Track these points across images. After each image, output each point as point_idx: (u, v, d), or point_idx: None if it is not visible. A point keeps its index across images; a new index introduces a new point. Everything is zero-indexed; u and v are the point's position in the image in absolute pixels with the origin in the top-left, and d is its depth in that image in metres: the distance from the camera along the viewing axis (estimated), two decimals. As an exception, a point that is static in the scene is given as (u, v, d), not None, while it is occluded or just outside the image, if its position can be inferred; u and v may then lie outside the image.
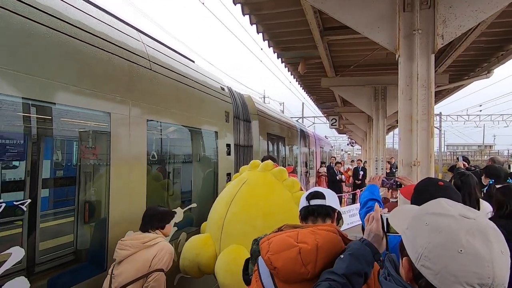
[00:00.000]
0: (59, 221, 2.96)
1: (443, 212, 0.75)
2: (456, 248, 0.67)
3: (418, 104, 2.56)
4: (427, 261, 0.70)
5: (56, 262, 2.30)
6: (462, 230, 0.69)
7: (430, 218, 0.75)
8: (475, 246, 0.67)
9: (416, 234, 0.75)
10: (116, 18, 2.80)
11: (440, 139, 30.04)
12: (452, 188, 1.63)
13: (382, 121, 7.25)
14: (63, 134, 2.64)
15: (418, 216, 0.79)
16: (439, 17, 2.51)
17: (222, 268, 2.28)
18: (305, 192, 1.59)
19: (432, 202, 0.82)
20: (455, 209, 0.75)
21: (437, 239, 0.70)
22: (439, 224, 0.72)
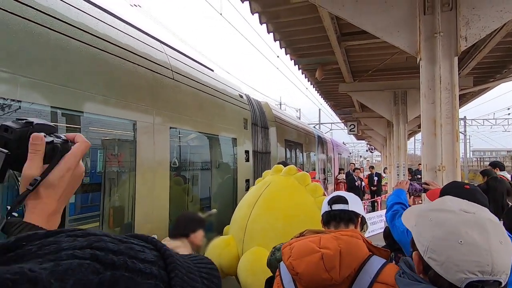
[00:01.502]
0: (86, 226, 3.09)
1: (445, 208, 0.82)
2: (456, 239, 0.74)
3: (442, 107, 2.49)
4: (432, 253, 0.77)
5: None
6: (461, 223, 0.76)
7: (433, 214, 0.83)
8: (474, 237, 0.73)
9: (422, 229, 0.83)
10: (141, 31, 2.95)
11: (465, 144, 28.78)
12: (479, 191, 1.60)
13: (403, 126, 7.07)
14: (92, 142, 2.78)
15: (423, 213, 0.87)
16: (461, 19, 2.46)
17: (245, 268, 2.30)
18: (327, 197, 1.59)
19: (437, 200, 0.91)
20: (457, 205, 0.82)
21: (439, 233, 0.77)
22: (440, 219, 0.79)
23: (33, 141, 0.53)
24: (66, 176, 0.56)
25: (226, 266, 2.48)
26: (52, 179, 0.54)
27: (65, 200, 0.58)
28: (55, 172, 0.55)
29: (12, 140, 0.53)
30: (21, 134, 0.53)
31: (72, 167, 0.57)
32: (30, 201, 0.54)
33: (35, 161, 0.53)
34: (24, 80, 1.73)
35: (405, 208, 1.93)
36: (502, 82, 6.73)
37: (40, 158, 0.54)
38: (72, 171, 0.57)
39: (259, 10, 4.17)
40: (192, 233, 2.27)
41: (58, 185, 0.55)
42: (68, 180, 0.56)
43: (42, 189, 0.54)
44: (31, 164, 0.53)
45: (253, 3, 3.99)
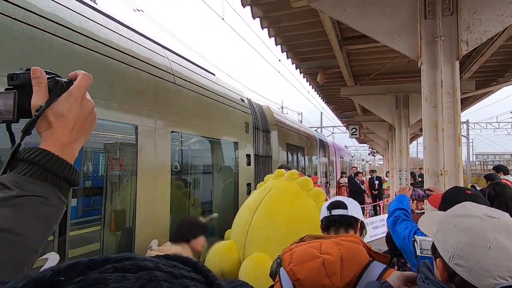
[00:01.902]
0: (87, 230, 3.09)
1: (469, 213, 0.81)
2: (485, 244, 0.73)
3: (444, 111, 2.49)
4: (459, 259, 0.75)
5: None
6: (489, 228, 0.75)
7: (457, 220, 0.81)
8: (502, 242, 0.72)
9: (446, 235, 0.81)
10: (143, 36, 2.97)
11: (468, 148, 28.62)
12: (480, 196, 1.59)
13: (405, 130, 7.04)
14: (94, 146, 2.80)
15: (446, 219, 0.85)
16: (462, 23, 2.46)
17: (246, 274, 2.29)
18: (326, 202, 1.58)
19: (458, 206, 0.88)
20: (480, 210, 0.81)
21: (466, 238, 0.75)
22: (466, 224, 0.78)
23: (34, 75, 0.56)
24: (74, 107, 0.58)
25: (227, 272, 2.47)
26: (59, 108, 0.57)
27: (80, 133, 0.60)
28: (60, 101, 0.57)
29: (20, 85, 0.57)
30: (25, 77, 0.57)
31: (78, 98, 0.59)
32: (43, 131, 0.57)
33: (40, 92, 0.56)
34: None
35: (407, 214, 1.91)
36: (504, 86, 6.70)
37: (44, 90, 0.57)
38: (79, 102, 0.59)
39: (261, 15, 4.19)
40: (193, 238, 2.26)
41: (68, 115, 0.57)
42: (77, 112, 0.58)
43: (52, 118, 0.56)
44: (36, 95, 0.56)
45: (255, 8, 4.01)
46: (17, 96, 0.56)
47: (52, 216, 0.53)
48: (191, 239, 2.25)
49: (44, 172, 0.53)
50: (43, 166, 0.53)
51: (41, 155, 0.54)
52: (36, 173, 0.53)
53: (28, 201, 0.50)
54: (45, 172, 0.54)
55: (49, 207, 0.52)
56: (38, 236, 0.51)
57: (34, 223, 0.50)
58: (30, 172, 0.53)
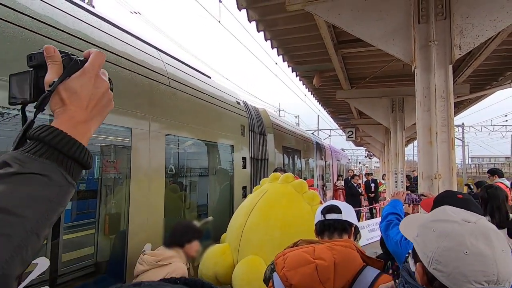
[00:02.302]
0: (80, 233, 3.05)
1: (448, 218, 0.82)
2: (462, 249, 0.74)
3: (437, 115, 2.50)
4: (438, 264, 0.76)
5: (76, 274, 2.36)
6: (466, 233, 0.76)
7: (436, 225, 0.82)
8: (479, 247, 0.73)
9: (426, 240, 0.82)
10: (138, 38, 2.96)
11: (463, 151, 28.84)
12: (472, 200, 1.60)
13: (400, 133, 7.08)
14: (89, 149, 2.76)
15: (425, 223, 0.86)
16: (455, 28, 2.48)
17: (240, 278, 2.27)
18: (321, 206, 1.57)
19: (437, 210, 0.90)
20: (458, 215, 0.82)
21: (444, 243, 0.77)
22: (445, 229, 0.79)
23: (47, 53, 0.56)
24: (87, 84, 0.57)
25: (221, 275, 2.45)
26: (72, 84, 0.56)
27: (96, 113, 0.58)
28: (74, 78, 0.56)
29: (38, 65, 0.57)
30: (43, 57, 0.57)
31: (91, 76, 0.58)
32: (56, 108, 0.55)
33: (53, 68, 0.56)
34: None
35: (400, 219, 1.91)
36: (498, 90, 6.78)
37: (58, 67, 0.56)
38: (92, 80, 0.57)
39: (256, 18, 4.20)
40: (187, 243, 2.23)
41: (81, 92, 0.56)
42: (91, 90, 0.57)
43: (65, 94, 0.55)
44: (49, 71, 0.56)
45: (250, 11, 4.02)
46: (34, 76, 0.56)
47: (55, 197, 0.49)
48: (185, 243, 2.22)
49: (50, 149, 0.51)
50: (49, 143, 0.51)
51: (47, 132, 0.51)
52: (40, 151, 0.50)
53: (27, 179, 0.47)
54: (51, 149, 0.51)
55: (51, 187, 0.49)
56: (38, 217, 0.47)
57: (33, 203, 0.47)
58: (35, 150, 0.50)
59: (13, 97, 0.58)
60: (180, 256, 2.18)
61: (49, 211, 0.48)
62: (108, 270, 2.53)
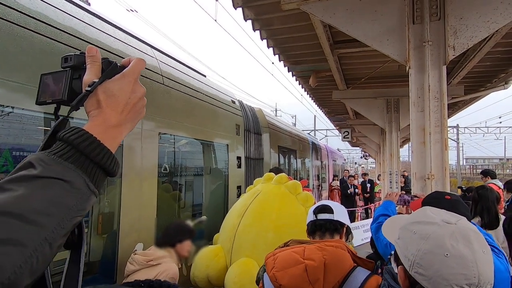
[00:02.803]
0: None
1: (428, 220, 0.80)
2: (442, 252, 0.72)
3: (431, 116, 2.50)
4: (419, 267, 0.74)
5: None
6: (446, 235, 0.74)
7: (416, 227, 0.80)
8: (459, 249, 0.72)
9: (406, 243, 0.80)
10: (130, 35, 2.93)
11: (458, 152, 29.10)
12: (460, 201, 1.60)
13: (395, 134, 7.11)
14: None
15: (406, 226, 0.84)
16: (449, 29, 2.49)
17: (232, 281, 2.25)
18: (313, 205, 1.56)
19: (418, 211, 0.88)
20: (439, 216, 0.80)
21: (425, 246, 0.75)
22: (425, 232, 0.77)
23: (89, 53, 0.56)
24: (126, 88, 0.56)
25: (213, 278, 2.43)
26: (111, 86, 0.55)
27: (129, 118, 0.56)
28: (114, 80, 0.56)
29: (73, 67, 0.56)
30: (80, 59, 0.57)
31: (131, 80, 0.57)
32: (92, 110, 0.54)
33: (93, 69, 0.55)
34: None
35: None
36: (492, 91, 6.83)
37: (98, 68, 0.56)
38: (131, 84, 0.57)
39: (252, 17, 4.18)
40: (179, 243, 2.21)
41: (119, 96, 0.55)
42: (128, 94, 0.56)
43: (103, 96, 0.54)
44: (89, 72, 0.55)
45: (246, 10, 4.00)
46: (71, 76, 0.55)
47: (74, 205, 0.46)
48: (176, 243, 2.21)
49: (76, 153, 0.48)
50: (77, 146, 0.48)
51: (77, 135, 0.49)
52: (67, 154, 0.47)
53: (47, 183, 0.45)
54: (78, 153, 0.48)
55: (72, 195, 0.46)
56: (54, 226, 0.44)
57: (51, 210, 0.44)
58: (61, 152, 0.48)
59: (43, 96, 0.56)
60: (172, 256, 2.16)
61: (66, 219, 0.45)
62: (99, 270, 2.50)
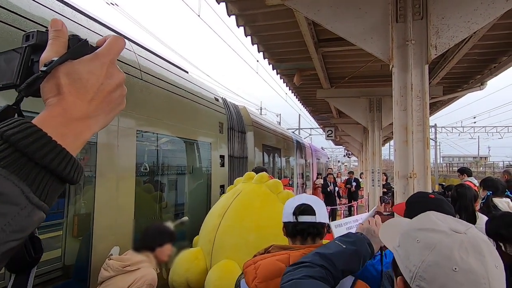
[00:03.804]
0: (43, 236, 2.82)
1: (434, 227, 0.72)
2: (450, 265, 0.64)
3: (413, 114, 2.51)
4: (422, 281, 0.66)
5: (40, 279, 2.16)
6: (455, 246, 0.66)
7: (421, 235, 0.72)
8: (469, 263, 0.63)
9: (408, 252, 0.71)
10: (106, 27, 2.77)
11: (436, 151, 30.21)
12: (444, 200, 1.60)
13: (377, 133, 7.23)
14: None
15: (408, 232, 0.75)
16: (432, 28, 2.51)
17: (212, 284, 2.17)
18: (290, 201, 1.41)
19: (421, 217, 0.79)
20: (445, 223, 0.72)
21: (430, 257, 0.67)
22: (431, 241, 0.69)
23: (53, 27, 0.44)
24: (98, 72, 0.43)
25: (193, 281, 2.33)
26: (78, 68, 0.42)
27: (102, 110, 0.44)
28: (82, 61, 0.43)
29: (37, 45, 0.44)
30: (43, 37, 0.44)
31: (105, 62, 0.44)
32: (49, 96, 0.41)
33: (55, 45, 0.43)
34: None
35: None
36: (468, 92, 7.07)
37: (62, 44, 0.43)
38: (105, 67, 0.44)
39: (236, 12, 4.09)
40: (158, 247, 2.08)
41: (88, 81, 0.42)
42: (101, 80, 0.43)
43: (65, 80, 0.41)
44: (49, 48, 0.42)
45: (230, 5, 3.90)
46: (27, 55, 0.43)
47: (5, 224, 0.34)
48: (156, 247, 2.08)
49: (14, 154, 0.35)
50: (15, 144, 0.35)
51: (16, 128, 0.36)
52: (1, 154, 0.35)
53: None
54: (15, 154, 0.35)
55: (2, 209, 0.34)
56: None
57: None
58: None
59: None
60: (150, 260, 2.04)
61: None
62: (73, 275, 2.35)
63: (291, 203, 1.39)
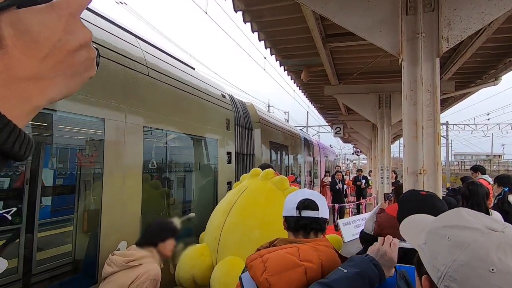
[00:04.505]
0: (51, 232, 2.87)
1: (466, 224, 0.66)
2: (486, 267, 0.58)
3: (423, 109, 2.45)
4: (452, 282, 0.61)
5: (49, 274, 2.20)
6: (492, 246, 0.60)
7: (451, 232, 0.66)
8: (508, 264, 0.58)
9: (437, 250, 0.66)
10: (114, 24, 2.78)
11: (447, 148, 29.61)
12: (435, 196, 1.56)
13: (387, 130, 7.11)
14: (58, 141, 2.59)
15: (436, 229, 0.70)
16: (443, 20, 2.43)
17: (218, 281, 2.17)
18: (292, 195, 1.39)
19: (450, 213, 0.73)
20: (479, 220, 0.66)
21: (463, 257, 0.61)
22: (463, 239, 0.63)
23: None
24: (54, 24, 0.35)
25: (199, 277, 2.34)
26: (27, 18, 0.34)
27: (59, 71, 0.36)
28: (33, 11, 0.35)
29: None
30: None
31: (63, 14, 0.36)
32: None
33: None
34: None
35: None
36: (481, 88, 6.87)
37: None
38: (64, 21, 0.36)
39: (243, 8, 4.06)
40: (161, 242, 2.09)
41: (40, 33, 0.34)
42: (58, 35, 0.35)
43: (9, 31, 0.33)
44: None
45: (236, 0, 3.88)
46: None
47: None
48: (158, 242, 2.09)
49: None
50: None
51: None
52: None
53: None
54: None
55: None
56: None
57: None
58: None
59: None
60: (154, 256, 2.04)
61: None
62: (82, 269, 2.38)
63: (293, 197, 1.37)
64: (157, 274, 1.92)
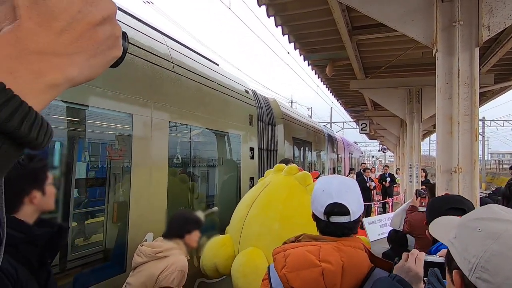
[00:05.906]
0: (84, 222, 3.03)
1: (497, 217, 0.66)
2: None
3: (460, 103, 2.28)
4: (484, 272, 0.61)
5: (80, 262, 2.32)
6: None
7: (482, 224, 0.66)
8: None
9: (467, 242, 0.66)
10: (141, 22, 2.85)
11: (483, 146, 27.77)
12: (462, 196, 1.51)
13: (417, 125, 6.77)
14: (90, 136, 2.71)
15: (466, 223, 0.70)
16: (484, 6, 2.24)
17: (236, 270, 2.24)
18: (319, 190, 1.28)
19: (481, 208, 0.73)
20: (510, 212, 0.66)
21: (494, 247, 0.61)
22: (495, 230, 0.63)
23: None
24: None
25: (221, 266, 2.40)
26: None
27: (83, 46, 0.32)
28: None
29: None
30: None
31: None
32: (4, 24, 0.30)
33: None
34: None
35: None
36: (525, 80, 6.33)
37: None
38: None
39: (267, 2, 4.01)
40: (187, 234, 2.16)
41: (57, 3, 0.31)
42: (78, 6, 0.31)
43: (24, 1, 0.30)
44: None
45: (260, -6, 3.84)
46: None
47: None
48: (184, 234, 2.15)
49: None
50: None
51: None
52: None
53: None
54: None
55: None
56: None
57: None
58: None
59: None
60: (180, 247, 2.11)
61: None
62: (111, 257, 2.50)
63: (320, 195, 1.25)
64: (184, 266, 1.98)
